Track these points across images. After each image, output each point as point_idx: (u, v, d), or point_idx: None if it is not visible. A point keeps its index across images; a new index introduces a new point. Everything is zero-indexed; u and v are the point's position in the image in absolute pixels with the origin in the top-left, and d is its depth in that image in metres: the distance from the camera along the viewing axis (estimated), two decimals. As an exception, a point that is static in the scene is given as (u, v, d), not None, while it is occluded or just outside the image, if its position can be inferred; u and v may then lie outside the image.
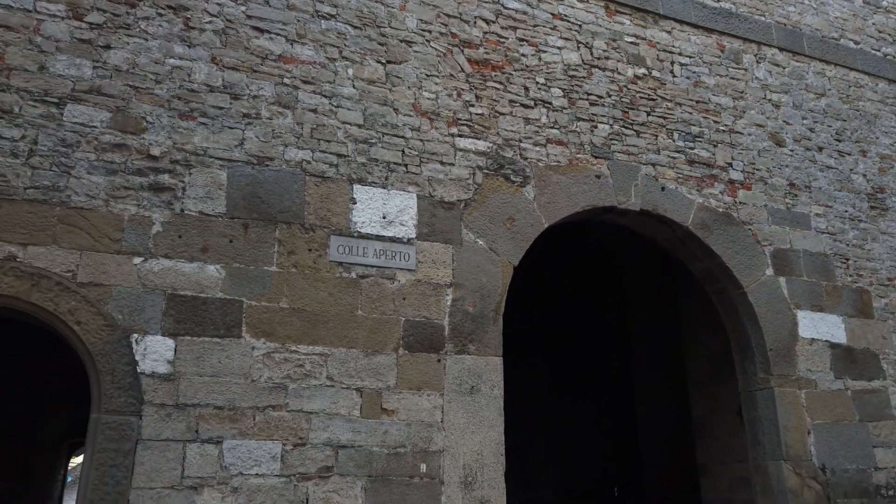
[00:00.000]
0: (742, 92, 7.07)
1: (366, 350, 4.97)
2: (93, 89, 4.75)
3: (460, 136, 5.72)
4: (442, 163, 5.59)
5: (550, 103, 6.15)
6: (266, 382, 4.67)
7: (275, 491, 4.51)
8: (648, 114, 6.53)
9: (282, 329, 4.80)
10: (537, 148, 5.96)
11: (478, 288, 5.42)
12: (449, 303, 5.31)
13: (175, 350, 4.52)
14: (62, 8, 4.82)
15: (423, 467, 4.91)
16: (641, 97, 6.54)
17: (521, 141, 5.92)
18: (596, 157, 6.17)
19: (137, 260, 4.58)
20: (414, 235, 5.34)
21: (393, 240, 5.27)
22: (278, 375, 4.71)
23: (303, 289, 4.93)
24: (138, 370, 4.39)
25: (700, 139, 6.68)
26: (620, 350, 10.27)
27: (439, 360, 5.16)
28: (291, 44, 5.39)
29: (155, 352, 4.47)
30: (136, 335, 4.45)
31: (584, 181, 6.04)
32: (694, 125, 6.70)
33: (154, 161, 4.78)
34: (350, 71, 5.52)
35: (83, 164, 4.60)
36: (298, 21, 5.45)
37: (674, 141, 6.54)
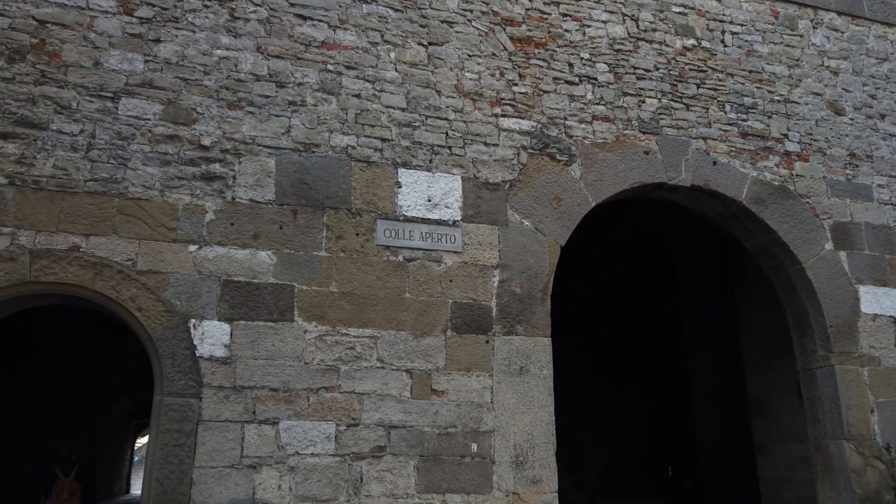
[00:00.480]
0: (798, 60, 6.79)
1: (414, 332, 5.03)
2: (145, 82, 4.89)
3: (504, 115, 5.67)
4: (486, 144, 5.56)
5: (596, 79, 6.04)
6: (319, 365, 4.78)
7: (330, 470, 4.63)
8: (698, 86, 6.34)
9: (332, 312, 4.89)
10: (583, 125, 5.87)
11: (525, 269, 5.40)
12: (496, 284, 5.31)
13: (231, 334, 4.66)
14: (113, 4, 4.96)
15: (474, 447, 4.96)
16: (691, 69, 6.35)
17: (565, 119, 5.83)
18: (644, 133, 6.03)
19: (193, 247, 4.73)
20: (459, 217, 5.35)
21: (438, 222, 5.29)
22: (330, 358, 4.81)
23: (351, 273, 5.00)
24: (197, 354, 4.55)
25: (753, 110, 6.45)
26: (671, 328, 10.11)
27: (487, 342, 5.18)
28: (334, 30, 5.42)
29: (212, 336, 4.62)
30: (193, 320, 4.61)
31: (632, 158, 5.92)
32: (747, 96, 6.47)
33: (205, 151, 4.91)
34: (392, 54, 5.52)
35: (138, 155, 4.76)
36: (340, 6, 5.47)
37: (726, 113, 6.34)
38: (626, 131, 5.98)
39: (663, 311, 10.38)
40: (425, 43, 5.63)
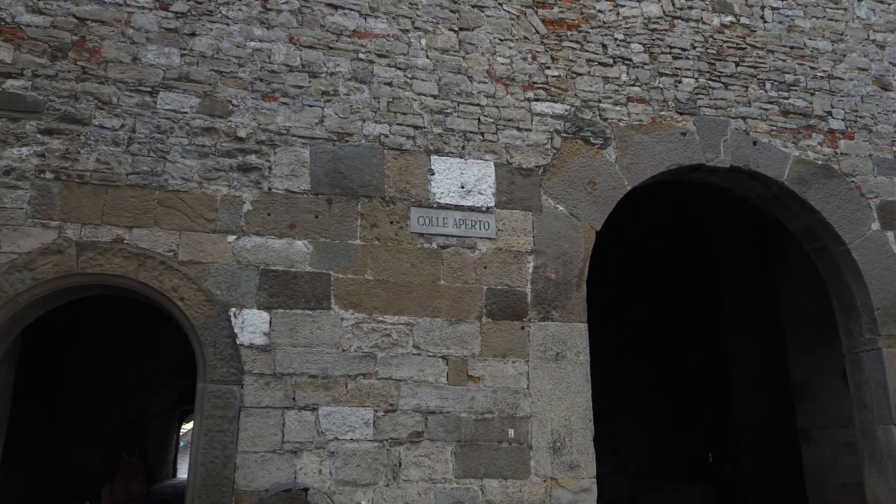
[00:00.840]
0: (842, 34, 6.55)
1: (449, 319, 5.05)
2: (182, 76, 4.97)
3: (536, 100, 5.62)
4: (518, 129, 5.52)
5: (630, 60, 5.93)
6: (356, 352, 4.84)
7: (369, 455, 4.70)
8: (737, 64, 6.17)
9: (368, 300, 4.94)
10: (618, 107, 5.77)
11: (560, 254, 5.37)
12: (531, 270, 5.29)
13: (270, 322, 4.75)
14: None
15: (511, 433, 4.97)
16: (729, 47, 6.19)
17: (600, 101, 5.75)
18: (681, 114, 5.91)
19: (231, 238, 4.82)
20: (493, 204, 5.33)
21: (472, 209, 5.28)
22: (367, 345, 4.87)
23: (386, 261, 5.04)
24: (237, 342, 4.65)
25: (795, 88, 6.26)
26: (710, 312, 9.94)
27: (523, 328, 5.17)
28: (365, 18, 5.43)
29: (252, 324, 4.71)
30: (233, 309, 4.70)
31: (669, 139, 5.81)
32: (788, 73, 6.28)
33: (241, 142, 4.98)
34: (423, 41, 5.51)
35: (177, 148, 4.85)
36: (371, -5, 5.47)
37: (766, 91, 6.17)
38: (662, 112, 5.87)
39: (702, 294, 10.21)
40: (456, 28, 5.59)
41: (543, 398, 5.08)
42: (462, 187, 5.30)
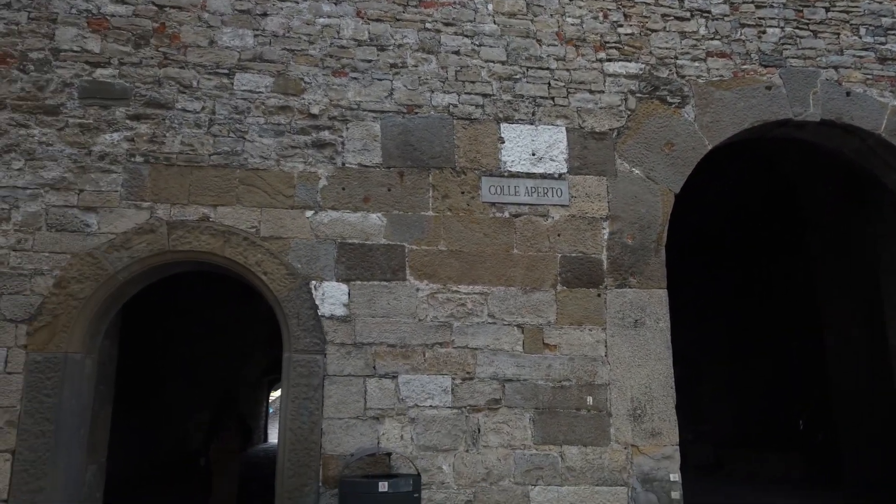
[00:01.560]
0: (949, -33, 5.98)
1: (524, 287, 5.04)
2: (256, 57, 5.11)
3: (609, 60, 5.44)
4: (590, 91, 5.38)
5: (709, 12, 5.63)
6: (432, 321, 4.92)
7: (448, 422, 4.80)
8: (827, 10, 5.76)
9: (442, 271, 4.99)
10: (696, 63, 5.52)
11: (636, 219, 5.24)
12: (606, 236, 5.19)
13: (349, 294, 4.89)
14: (222, -16, 5.18)
15: (590, 400, 4.95)
16: (818, -9, 5.77)
17: (676, 58, 5.51)
18: (765, 67, 5.59)
19: (309, 213, 4.96)
20: (565, 170, 5.24)
21: (544, 176, 5.21)
22: (443, 314, 4.94)
23: (459, 231, 5.06)
24: (319, 313, 4.82)
25: (893, 32, 5.79)
26: (799, 273, 9.48)
27: (599, 295, 5.10)
28: (431, -13, 5.38)
29: (332, 296, 4.86)
30: (314, 282, 4.86)
31: (752, 94, 5.52)
32: (885, 16, 5.81)
33: (314, 119, 5.09)
34: (490, 6, 5.42)
35: (255, 128, 5.01)
36: (436, -38, 5.41)
37: (860, 38, 5.74)
38: (744, 66, 5.57)
39: (789, 254, 9.74)
40: (524, -9, 5.46)
41: (622, 365, 5.02)
42: (533, 154, 5.23)
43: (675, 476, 4.91)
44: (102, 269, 4.66)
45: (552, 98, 5.34)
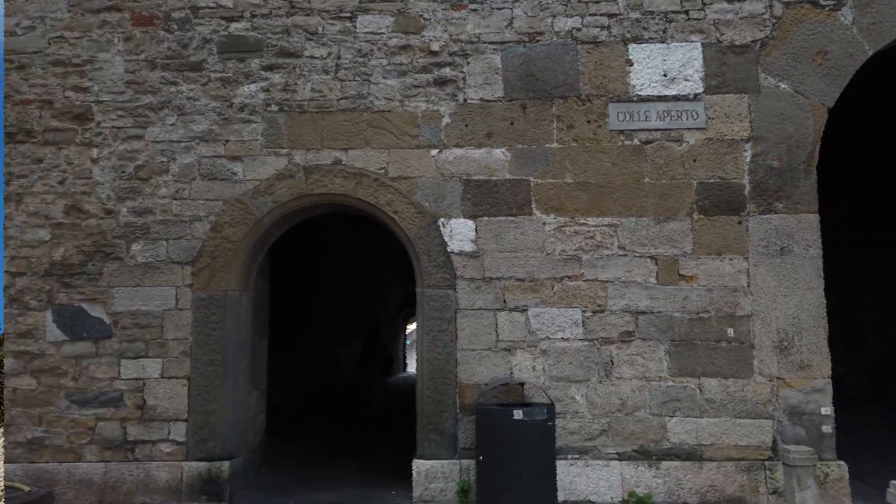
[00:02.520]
0: None
1: (656, 217, 4.85)
2: (375, -2, 5.14)
3: (751, -37, 4.92)
4: (729, 0, 4.91)
5: None
6: (560, 255, 4.88)
7: (580, 353, 4.81)
8: None
9: (569, 203, 4.90)
10: (856, -44, 4.85)
11: (783, 139, 4.81)
12: (748, 159, 4.83)
13: (476, 230, 4.95)
14: (340, -74, 5.21)
15: (731, 332, 4.75)
16: None
17: (832, -48, 4.87)
18: (944, -49, 4.81)
19: (434, 152, 5.02)
20: (701, 90, 4.89)
21: (677, 98, 4.89)
22: (571, 248, 4.88)
23: (585, 162, 4.92)
24: (448, 250, 4.94)
25: None
26: None
27: (740, 222, 4.80)
28: None
29: (459, 233, 4.95)
30: (442, 220, 4.97)
31: (927, -14, 4.79)
32: None
33: (435, 56, 5.08)
34: (614, -83, 5.04)
35: (378, 70, 5.10)
36: None
37: None
38: (917, -47, 4.82)
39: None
40: None
41: (766, 296, 4.74)
42: (665, 76, 4.91)
43: (827, 409, 4.64)
44: (250, 213, 5.04)
45: (685, 12, 4.95)
